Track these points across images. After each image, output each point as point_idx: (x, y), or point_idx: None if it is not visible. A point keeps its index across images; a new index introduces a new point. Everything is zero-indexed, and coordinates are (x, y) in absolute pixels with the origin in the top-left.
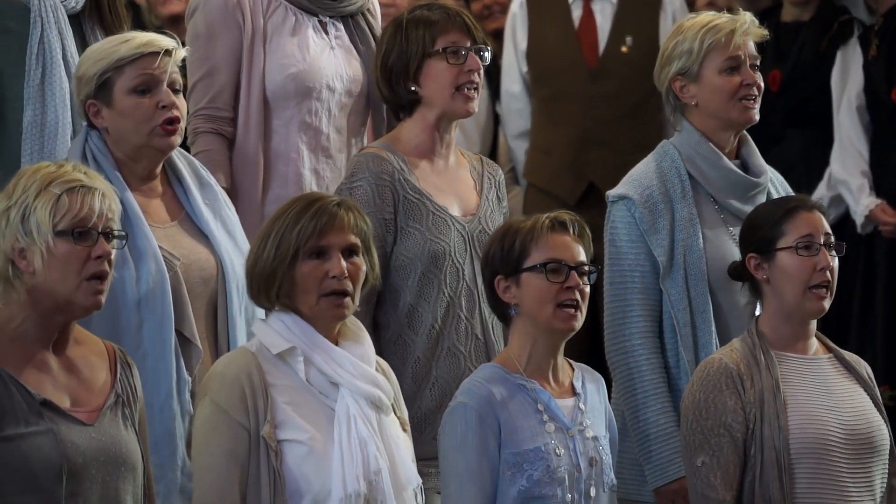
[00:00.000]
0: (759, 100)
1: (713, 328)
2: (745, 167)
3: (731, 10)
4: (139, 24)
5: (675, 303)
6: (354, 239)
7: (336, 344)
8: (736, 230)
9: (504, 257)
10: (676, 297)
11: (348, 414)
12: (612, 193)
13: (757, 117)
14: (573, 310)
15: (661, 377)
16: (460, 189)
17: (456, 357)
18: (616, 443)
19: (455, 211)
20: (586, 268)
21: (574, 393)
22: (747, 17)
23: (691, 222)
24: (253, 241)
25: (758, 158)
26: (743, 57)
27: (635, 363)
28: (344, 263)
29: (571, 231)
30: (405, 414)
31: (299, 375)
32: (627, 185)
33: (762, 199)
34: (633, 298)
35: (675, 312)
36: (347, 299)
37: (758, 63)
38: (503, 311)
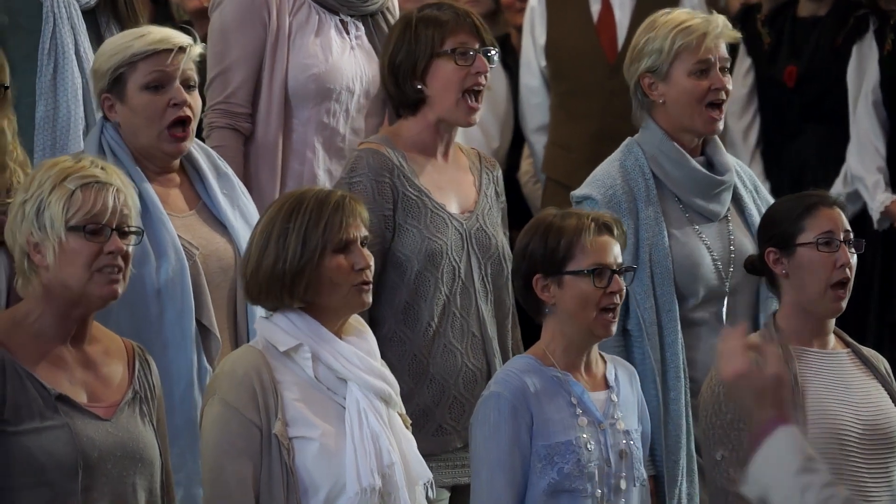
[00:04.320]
0: (725, 105)
1: (678, 327)
2: (709, 164)
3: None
4: (167, 18)
5: (640, 302)
6: (366, 231)
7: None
8: (702, 229)
9: (546, 256)
10: (642, 296)
11: (359, 408)
12: (575, 194)
13: (720, 128)
14: (612, 315)
15: None
16: (459, 185)
17: (452, 354)
18: (649, 435)
19: (453, 208)
20: (625, 268)
21: (607, 386)
22: (720, 21)
23: (656, 221)
24: (255, 243)
25: (722, 156)
26: (713, 60)
27: None
28: (366, 253)
29: (613, 233)
30: (403, 410)
31: (307, 372)
32: (591, 186)
33: (727, 196)
34: None
35: (641, 311)
36: (371, 286)
37: (728, 66)
38: (536, 308)
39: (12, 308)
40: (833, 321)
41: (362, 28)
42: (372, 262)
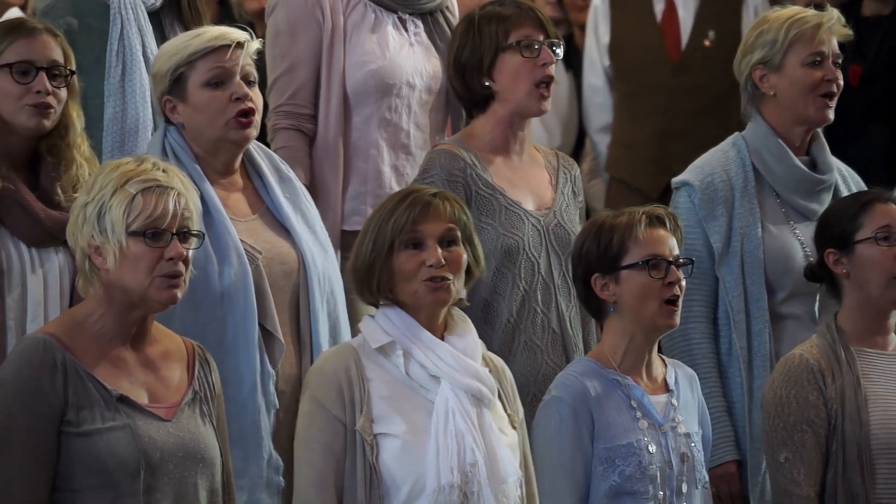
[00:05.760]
0: (836, 98)
1: (767, 316)
2: (813, 164)
3: (819, 7)
4: (229, 19)
5: (729, 290)
6: (452, 227)
7: (442, 337)
8: (799, 226)
9: (601, 255)
10: (731, 284)
11: (447, 407)
12: (675, 180)
13: (832, 117)
14: (675, 306)
15: (713, 362)
16: (534, 184)
17: (532, 351)
18: (710, 439)
19: (529, 205)
20: (682, 261)
21: (667, 389)
22: (834, 14)
23: (751, 213)
24: (357, 239)
25: (827, 156)
26: (827, 52)
27: (688, 347)
28: (440, 251)
29: (667, 225)
30: (519, 412)
31: (399, 369)
32: (690, 172)
33: (828, 196)
34: (691, 284)
35: (730, 299)
36: (447, 283)
37: (840, 61)
38: (598, 308)
39: (73, 309)
40: (894, 321)
41: (421, 25)
42: (459, 260)
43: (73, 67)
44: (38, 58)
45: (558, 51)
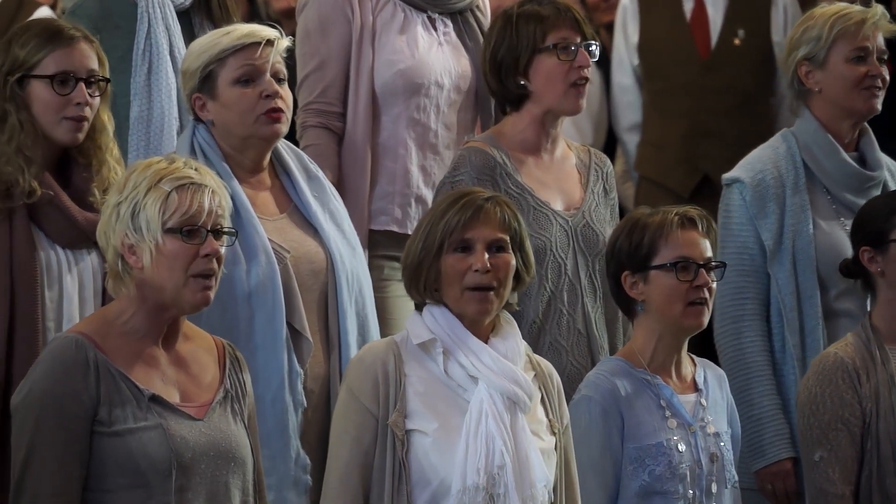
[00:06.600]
0: (882, 91)
1: (820, 313)
2: (862, 159)
3: (865, 2)
4: (258, 18)
5: (782, 287)
6: (502, 234)
7: (486, 339)
8: (849, 222)
9: (632, 253)
10: (783, 282)
11: (481, 409)
12: (726, 177)
13: (879, 107)
14: (702, 307)
15: (767, 360)
16: (564, 183)
17: (558, 352)
18: (738, 438)
19: (558, 205)
20: (713, 264)
21: (696, 389)
22: (878, 10)
23: (802, 209)
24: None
25: (876, 152)
26: (871, 48)
27: (741, 345)
28: (487, 257)
29: (700, 227)
30: (564, 418)
31: (438, 367)
32: (741, 169)
33: (877, 192)
34: (742, 281)
35: (782, 297)
36: (491, 294)
37: (885, 57)
38: (628, 306)
39: (104, 308)
40: None
41: (450, 25)
42: (507, 267)
43: (108, 73)
44: (78, 68)
45: (594, 51)
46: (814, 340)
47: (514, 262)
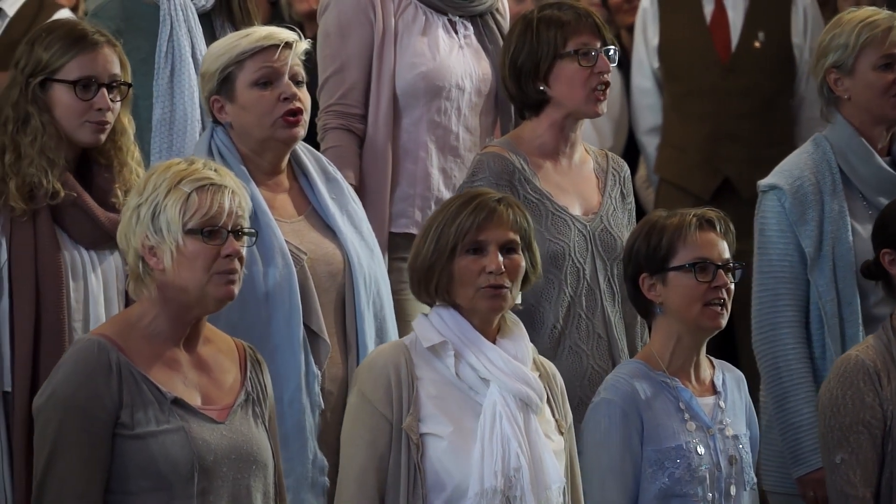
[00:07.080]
0: None
1: (860, 320)
2: (894, 163)
3: (893, 6)
4: (279, 20)
5: (822, 294)
6: (514, 235)
7: (494, 341)
8: None
9: (650, 255)
10: (824, 288)
11: (494, 411)
12: (763, 183)
13: None
14: (720, 308)
15: (807, 367)
16: (582, 188)
17: (578, 356)
18: (757, 440)
19: (576, 210)
20: (732, 265)
21: (715, 391)
22: None
23: (841, 215)
24: (417, 237)
25: None
26: None
27: (782, 352)
28: (501, 259)
29: (718, 229)
30: (568, 417)
31: (450, 370)
32: (779, 175)
33: None
34: (782, 288)
35: (823, 303)
36: (505, 291)
37: None
38: (646, 308)
39: (125, 311)
40: None
41: (471, 28)
42: (518, 268)
43: (130, 77)
44: (100, 73)
45: (614, 56)
46: None
47: (524, 262)
